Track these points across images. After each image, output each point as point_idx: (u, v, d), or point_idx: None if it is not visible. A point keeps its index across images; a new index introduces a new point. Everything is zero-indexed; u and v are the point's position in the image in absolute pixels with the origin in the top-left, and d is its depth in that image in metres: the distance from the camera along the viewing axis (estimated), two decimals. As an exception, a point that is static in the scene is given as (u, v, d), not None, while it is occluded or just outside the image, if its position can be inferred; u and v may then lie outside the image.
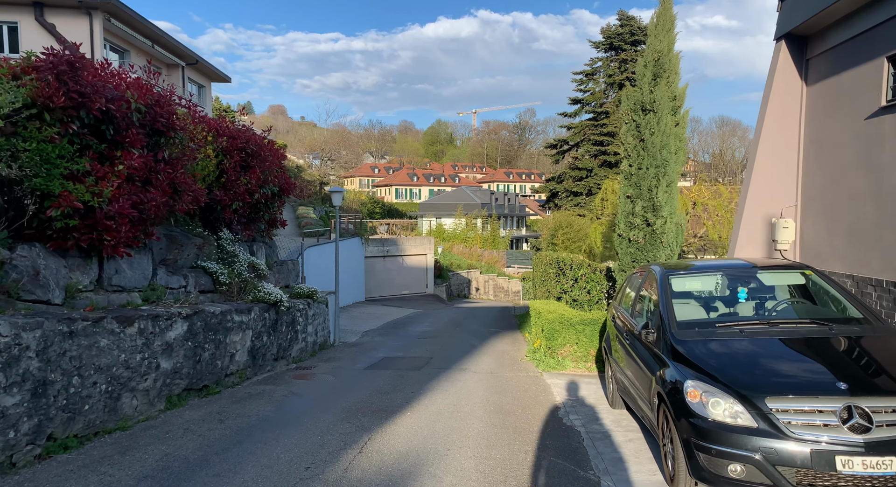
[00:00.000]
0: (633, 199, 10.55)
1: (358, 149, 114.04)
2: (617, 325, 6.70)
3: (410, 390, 8.35)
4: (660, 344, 4.91)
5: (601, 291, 14.32)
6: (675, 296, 5.30)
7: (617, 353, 6.53)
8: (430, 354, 12.26)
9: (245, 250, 10.52)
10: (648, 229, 10.36)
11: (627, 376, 5.87)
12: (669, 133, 10.23)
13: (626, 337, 5.91)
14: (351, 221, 31.93)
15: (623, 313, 6.57)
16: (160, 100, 6.87)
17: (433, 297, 33.36)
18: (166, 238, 7.93)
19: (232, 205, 9.18)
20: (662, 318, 5.00)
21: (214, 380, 7.70)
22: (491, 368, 10.54)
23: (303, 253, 15.38)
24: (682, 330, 4.81)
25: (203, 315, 7.31)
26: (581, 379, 9.33)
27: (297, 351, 10.79)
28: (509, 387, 8.66)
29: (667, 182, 10.28)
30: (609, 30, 45.61)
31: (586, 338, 10.01)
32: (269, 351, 9.46)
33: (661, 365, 4.75)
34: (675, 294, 5.31)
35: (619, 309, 6.91)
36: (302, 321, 10.93)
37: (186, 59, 31.69)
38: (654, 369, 4.87)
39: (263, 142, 9.95)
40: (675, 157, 10.35)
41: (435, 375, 9.64)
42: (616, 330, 6.67)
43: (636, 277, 6.74)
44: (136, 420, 6.00)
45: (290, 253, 19.33)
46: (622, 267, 10.77)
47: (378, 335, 16.06)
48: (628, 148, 10.52)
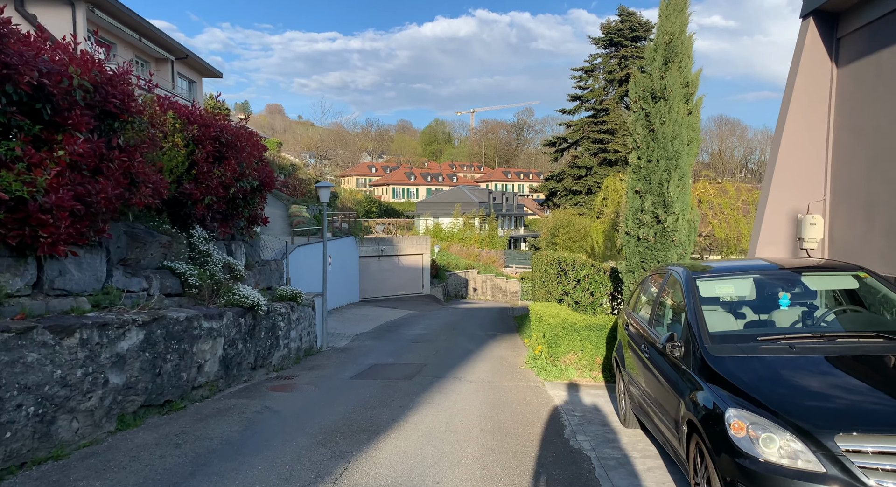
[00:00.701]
0: (643, 194, 9.75)
1: (355, 148, 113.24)
2: (631, 334, 5.90)
3: (399, 404, 7.54)
4: (689, 360, 4.11)
5: (605, 293, 13.52)
6: (704, 303, 4.49)
7: (631, 366, 5.74)
8: (424, 360, 11.45)
9: (221, 249, 9.70)
10: (659, 226, 9.57)
11: (646, 394, 5.07)
12: (682, 122, 9.44)
13: (645, 349, 5.11)
14: (345, 220, 31.10)
15: (638, 320, 5.77)
16: (113, 78, 6.05)
17: (430, 298, 32.55)
18: (126, 235, 7.11)
19: (204, 199, 8.36)
20: (692, 330, 4.20)
21: (179, 394, 6.89)
22: (488, 377, 9.74)
23: (287, 253, 14.57)
24: (718, 344, 4.01)
25: (164, 321, 6.50)
26: (587, 390, 8.52)
27: (279, 359, 9.97)
28: (508, 400, 7.86)
29: (679, 175, 9.48)
30: (609, 25, 44.83)
31: (592, 345, 9.21)
32: (246, 360, 8.64)
33: (691, 385, 3.95)
34: (702, 300, 4.51)
35: (632, 315, 6.11)
36: (284, 326, 10.11)
37: (176, 53, 30.83)
38: (682, 390, 4.07)
39: (240, 132, 9.13)
40: (688, 149, 9.56)
41: (427, 386, 8.84)
42: (630, 339, 5.87)
43: (652, 280, 5.94)
44: (77, 446, 5.18)
45: (277, 253, 18.49)
46: (630, 267, 9.97)
47: (370, 339, 15.25)
48: (637, 138, 9.72)
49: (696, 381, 3.91)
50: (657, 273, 5.84)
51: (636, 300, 6.23)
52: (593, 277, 13.56)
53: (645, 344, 5.13)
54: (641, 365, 5.23)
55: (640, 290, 6.26)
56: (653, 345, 4.92)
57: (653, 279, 5.95)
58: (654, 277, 5.92)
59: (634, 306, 6.18)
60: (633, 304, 6.36)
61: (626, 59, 44.38)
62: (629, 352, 5.89)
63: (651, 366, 4.87)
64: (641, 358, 5.23)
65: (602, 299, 13.68)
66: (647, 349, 5.08)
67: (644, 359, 5.12)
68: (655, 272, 5.96)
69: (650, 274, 6.10)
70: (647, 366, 5.02)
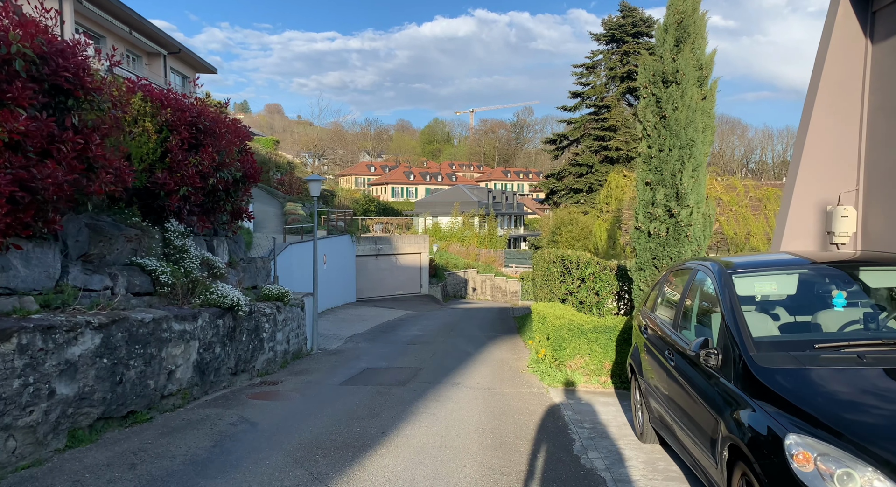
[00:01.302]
0: (654, 186, 9.07)
1: (354, 147, 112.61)
2: (650, 338, 5.22)
3: (390, 414, 6.86)
4: (728, 370, 3.44)
5: (611, 293, 12.84)
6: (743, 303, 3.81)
7: (651, 374, 5.05)
8: (419, 364, 10.77)
9: (201, 245, 9.02)
10: (672, 220, 8.89)
11: (670, 407, 4.40)
12: (695, 108, 8.76)
13: (670, 355, 4.43)
14: (341, 218, 30.40)
15: (658, 323, 5.09)
16: (65, 50, 5.36)
17: (428, 298, 31.87)
18: (89, 229, 6.42)
19: (179, 190, 7.68)
20: (731, 335, 3.52)
21: (145, 404, 6.20)
22: (488, 382, 9.06)
23: (275, 250, 13.89)
24: (766, 352, 3.33)
25: (126, 323, 5.81)
26: (595, 398, 7.84)
27: (263, 363, 9.29)
28: (510, 409, 7.17)
29: (693, 165, 8.81)
30: (610, 21, 44.10)
31: (600, 349, 8.53)
32: (225, 365, 7.95)
33: (732, 401, 3.28)
34: (741, 300, 3.83)
35: (651, 317, 5.42)
36: (269, 327, 9.43)
37: (168, 47, 30.12)
38: (720, 406, 3.40)
39: (220, 118, 8.44)
40: (703, 136, 8.88)
41: (422, 392, 8.16)
42: (649, 343, 5.18)
43: (673, 278, 5.26)
44: (13, 469, 4.49)
45: (267, 250, 17.80)
46: (640, 265, 9.29)
47: (364, 340, 14.56)
48: (647, 126, 9.04)
49: (739, 397, 3.23)
50: (679, 269, 5.16)
51: (655, 300, 5.54)
52: (599, 276, 12.88)
53: (669, 351, 4.45)
54: (664, 374, 4.55)
55: (658, 289, 5.58)
56: (679, 352, 4.24)
57: (674, 276, 5.27)
58: (675, 274, 5.24)
59: (653, 307, 5.49)
60: (652, 305, 5.68)
61: (627, 55, 43.66)
62: (647, 358, 5.21)
63: (677, 376, 4.19)
64: (664, 365, 4.55)
65: (608, 299, 13.00)
66: (671, 356, 4.40)
67: (668, 367, 4.44)
68: (676, 268, 5.27)
69: (671, 271, 5.42)
70: (671, 376, 4.34)
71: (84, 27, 23.25)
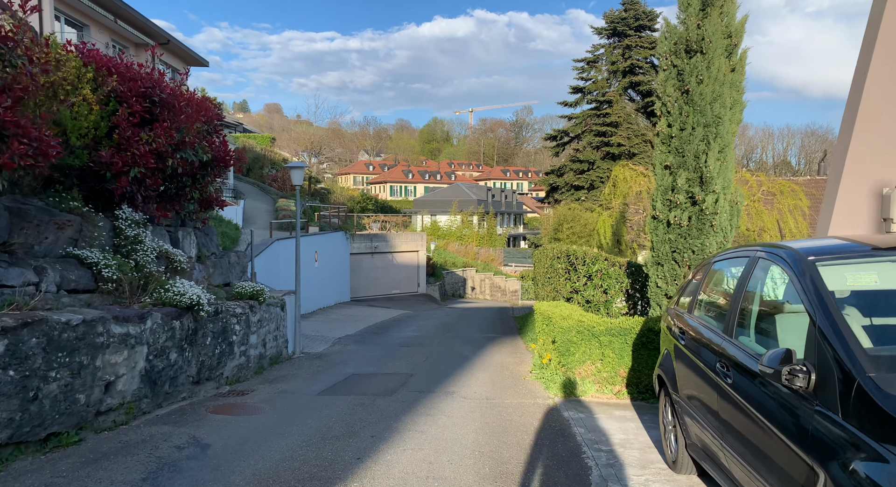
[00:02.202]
0: (674, 170, 8.03)
1: (353, 146, 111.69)
2: (687, 344, 4.17)
3: (371, 432, 5.81)
4: (829, 396, 2.40)
5: (620, 290, 11.81)
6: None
7: (690, 390, 4.01)
8: (411, 369, 9.72)
9: (162, 237, 7.96)
10: (695, 209, 7.85)
11: (721, 434, 3.36)
12: (723, 80, 7.72)
13: (723, 369, 3.37)
14: (335, 215, 29.36)
15: (698, 326, 4.04)
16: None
17: (425, 297, 30.83)
18: (9, 213, 5.37)
19: (130, 171, 6.62)
20: (832, 347, 2.48)
21: (74, 424, 5.15)
22: (487, 391, 8.02)
23: (252, 244, 12.83)
24: (890, 372, 2.29)
25: (44, 327, 4.76)
26: (611, 411, 6.80)
27: (234, 370, 8.23)
28: (511, 426, 6.13)
29: (719, 145, 7.77)
30: (612, 14, 43.04)
31: (614, 354, 7.49)
32: (184, 373, 6.90)
33: (841, 444, 2.25)
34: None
35: (687, 318, 4.37)
36: (240, 329, 8.38)
37: (157, 38, 29.01)
38: (818, 448, 2.36)
39: (179, 90, 7.39)
40: (731, 113, 7.84)
41: (411, 404, 7.11)
42: (687, 351, 4.13)
43: (719, 269, 4.21)
44: None
45: (256, 246, 16.76)
46: (658, 258, 8.26)
47: (353, 342, 13.51)
48: (668, 102, 8.00)
49: (855, 437, 2.20)
50: (728, 258, 4.09)
51: (691, 297, 4.48)
52: (607, 272, 11.84)
53: (722, 363, 3.40)
54: (712, 392, 3.51)
55: (696, 284, 4.53)
56: (738, 365, 3.20)
57: (720, 267, 4.21)
58: (722, 265, 4.18)
59: (690, 306, 4.43)
60: (685, 303, 4.62)
61: (629, 49, 42.60)
62: (684, 370, 4.16)
63: (736, 397, 3.15)
64: (713, 381, 3.51)
65: (617, 298, 11.97)
66: (726, 370, 3.35)
67: (719, 384, 3.40)
68: (724, 256, 4.19)
69: (714, 261, 4.36)
70: (725, 395, 3.30)
71: (65, 15, 22.20)
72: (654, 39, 42.39)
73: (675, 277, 8.10)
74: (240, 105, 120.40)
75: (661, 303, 8.31)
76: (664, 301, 8.29)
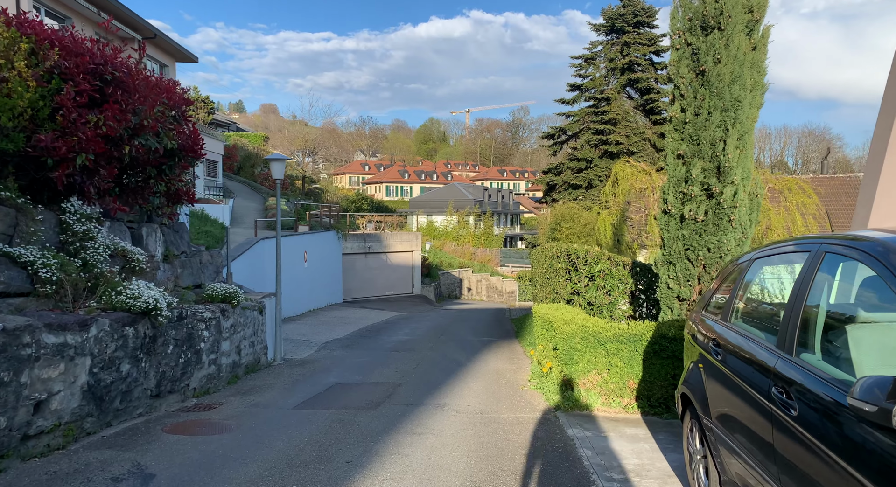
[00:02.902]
0: (688, 160, 7.29)
1: (349, 146, 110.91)
2: (724, 359, 3.41)
3: (347, 457, 5.04)
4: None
5: (624, 292, 11.06)
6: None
7: (729, 414, 3.25)
8: (399, 378, 8.96)
9: (121, 233, 7.18)
10: (711, 202, 7.11)
11: (783, 479, 2.59)
12: (743, 60, 6.98)
13: (782, 394, 2.61)
14: (328, 214, 28.56)
15: (740, 338, 3.28)
16: None
17: (420, 298, 30.06)
18: (-78, 202, 4.59)
19: (76, 158, 5.84)
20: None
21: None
22: (481, 403, 7.26)
23: (227, 242, 12.02)
24: None
25: (-50, 338, 3.98)
26: (619, 428, 6.04)
27: (202, 380, 7.45)
28: (509, 448, 5.37)
29: (738, 132, 7.03)
30: (610, 11, 42.30)
31: (622, 363, 6.73)
32: (140, 386, 6.12)
33: None
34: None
35: (722, 327, 3.61)
36: (209, 336, 7.59)
37: (143, 32, 28.19)
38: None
39: (136, 68, 6.60)
40: (751, 96, 7.11)
41: (396, 419, 6.35)
42: (724, 367, 3.37)
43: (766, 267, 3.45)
44: None
45: (240, 245, 15.97)
46: (669, 257, 7.52)
47: (340, 347, 12.72)
48: (681, 84, 7.25)
49: None
50: (779, 252, 3.33)
51: (729, 301, 3.71)
52: (610, 273, 11.09)
53: (780, 387, 2.64)
54: (765, 422, 2.76)
55: (732, 285, 3.77)
56: (806, 392, 2.44)
57: (767, 265, 3.46)
58: (770, 261, 3.42)
59: (726, 313, 3.66)
60: (715, 307, 3.86)
61: (628, 46, 41.88)
62: (719, 389, 3.41)
63: (804, 434, 2.39)
64: (764, 408, 2.76)
65: (620, 300, 11.23)
66: (784, 395, 2.59)
67: (776, 414, 2.64)
68: (774, 251, 3.41)
69: (756, 257, 3.59)
70: (786, 429, 2.55)
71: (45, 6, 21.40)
72: (652, 36, 41.75)
73: (689, 278, 7.36)
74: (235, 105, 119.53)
75: (672, 306, 7.57)
76: (676, 303, 7.55)
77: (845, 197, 25.13)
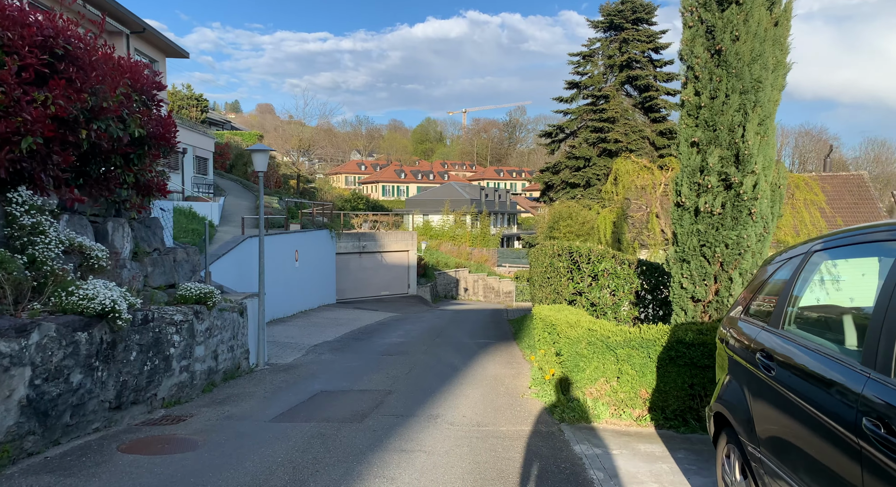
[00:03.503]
0: (704, 147, 6.67)
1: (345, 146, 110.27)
2: (778, 376, 2.77)
3: (324, 482, 4.40)
4: None
5: (630, 292, 10.45)
6: None
7: (792, 447, 2.61)
8: (390, 385, 8.31)
9: (82, 228, 6.52)
10: (729, 193, 6.49)
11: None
12: (764, 37, 6.37)
13: (876, 431, 1.97)
14: (322, 212, 27.90)
15: (805, 352, 2.64)
16: None
17: (416, 299, 29.40)
18: None
19: (21, 142, 5.19)
20: None
21: None
22: (478, 414, 6.63)
23: (206, 238, 11.35)
24: None
25: None
26: (633, 443, 5.41)
27: (172, 389, 6.80)
28: (510, 469, 4.73)
29: (759, 116, 6.42)
30: (608, 7, 41.69)
31: (633, 371, 6.10)
32: (95, 398, 5.47)
33: None
34: None
35: (773, 337, 2.97)
36: (181, 340, 6.93)
37: (131, 25, 27.44)
38: None
39: (94, 44, 5.94)
40: (773, 77, 6.49)
41: (384, 434, 5.71)
42: (780, 387, 2.73)
43: (832, 260, 2.82)
44: None
45: (226, 244, 15.31)
46: (682, 254, 6.89)
47: (330, 351, 12.07)
48: (695, 65, 6.63)
49: None
50: (855, 242, 2.66)
51: (780, 304, 3.06)
52: (615, 272, 10.48)
53: (875, 419, 2.00)
54: (853, 465, 2.12)
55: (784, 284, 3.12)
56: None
57: (834, 258, 2.82)
58: (838, 254, 2.78)
59: (777, 317, 3.01)
60: (764, 312, 3.22)
61: (626, 43, 41.28)
62: (774, 413, 2.77)
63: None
64: (853, 446, 2.12)
65: (625, 300, 10.62)
66: (881, 429, 1.95)
67: (873, 456, 2.00)
68: (841, 242, 2.76)
69: (816, 248, 2.94)
70: (890, 478, 1.90)
71: None
72: (651, 33, 41.19)
73: (704, 276, 6.74)
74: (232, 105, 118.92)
75: (686, 308, 6.95)
76: (690, 305, 6.93)
77: (848, 195, 24.63)
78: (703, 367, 5.75)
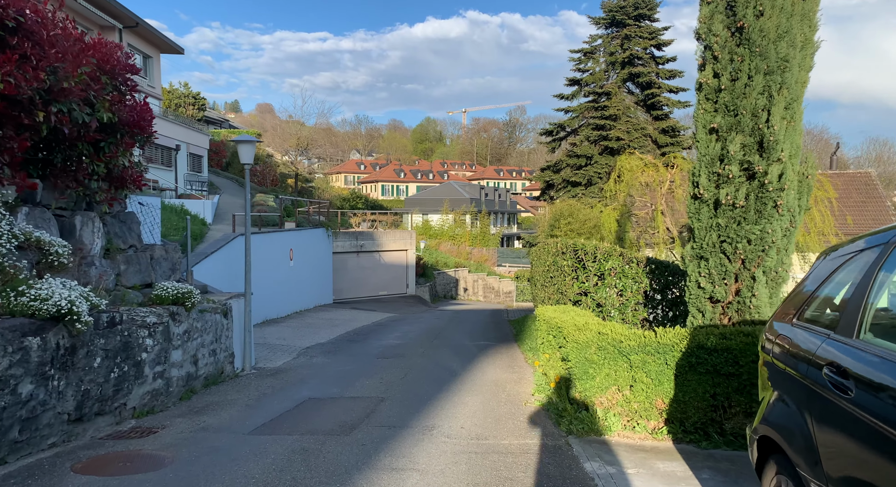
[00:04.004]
0: (724, 134, 6.10)
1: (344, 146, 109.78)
2: (857, 399, 2.20)
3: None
4: None
5: (639, 292, 9.88)
6: None
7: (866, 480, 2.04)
8: (383, 392, 7.75)
9: (45, 222, 5.95)
10: (752, 184, 5.93)
11: None
12: (792, 12, 5.81)
13: None
14: (318, 211, 27.33)
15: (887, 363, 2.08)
16: None
17: (414, 299, 28.83)
18: None
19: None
20: None
21: None
22: (477, 425, 6.07)
23: (189, 233, 10.78)
24: None
25: None
26: (649, 461, 4.84)
27: (144, 398, 6.23)
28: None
29: (786, 99, 5.86)
30: (610, 3, 41.12)
31: (648, 379, 5.54)
32: (51, 411, 4.91)
33: None
34: None
35: (852, 349, 2.40)
36: (154, 344, 6.37)
37: (124, 20, 26.92)
38: None
39: (51, 18, 5.38)
40: (801, 56, 5.93)
41: (374, 450, 5.15)
42: (863, 412, 2.17)
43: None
44: None
45: (215, 242, 14.74)
46: (699, 250, 6.33)
47: (322, 353, 11.51)
48: (713, 44, 6.07)
49: None
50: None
51: (858, 307, 2.47)
52: (622, 270, 9.91)
53: None
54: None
55: (862, 279, 2.55)
56: None
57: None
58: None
59: (851, 324, 2.44)
60: (831, 319, 2.66)
61: (628, 39, 40.73)
62: (847, 443, 2.22)
63: None
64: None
65: (633, 301, 10.05)
66: None
67: None
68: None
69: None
70: None
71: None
72: (653, 29, 40.64)
73: (724, 275, 6.18)
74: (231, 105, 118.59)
75: (703, 309, 6.39)
76: (708, 306, 6.36)
77: (856, 193, 24.10)
78: (728, 375, 5.20)
